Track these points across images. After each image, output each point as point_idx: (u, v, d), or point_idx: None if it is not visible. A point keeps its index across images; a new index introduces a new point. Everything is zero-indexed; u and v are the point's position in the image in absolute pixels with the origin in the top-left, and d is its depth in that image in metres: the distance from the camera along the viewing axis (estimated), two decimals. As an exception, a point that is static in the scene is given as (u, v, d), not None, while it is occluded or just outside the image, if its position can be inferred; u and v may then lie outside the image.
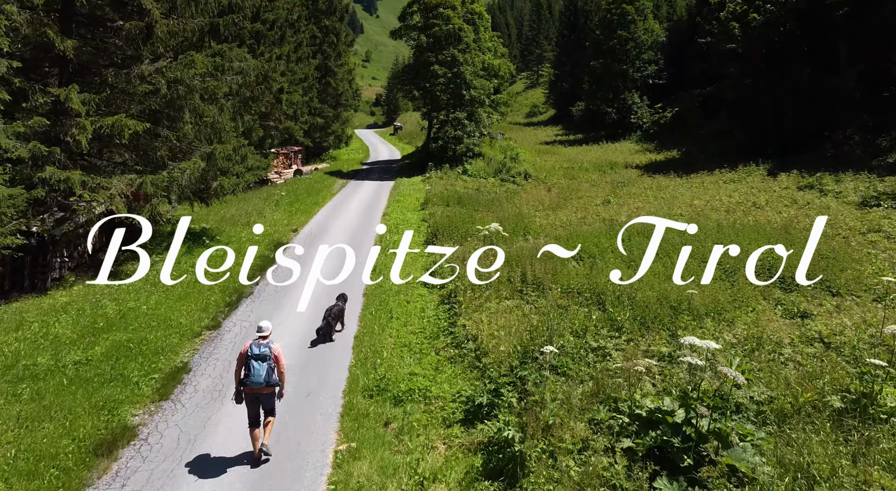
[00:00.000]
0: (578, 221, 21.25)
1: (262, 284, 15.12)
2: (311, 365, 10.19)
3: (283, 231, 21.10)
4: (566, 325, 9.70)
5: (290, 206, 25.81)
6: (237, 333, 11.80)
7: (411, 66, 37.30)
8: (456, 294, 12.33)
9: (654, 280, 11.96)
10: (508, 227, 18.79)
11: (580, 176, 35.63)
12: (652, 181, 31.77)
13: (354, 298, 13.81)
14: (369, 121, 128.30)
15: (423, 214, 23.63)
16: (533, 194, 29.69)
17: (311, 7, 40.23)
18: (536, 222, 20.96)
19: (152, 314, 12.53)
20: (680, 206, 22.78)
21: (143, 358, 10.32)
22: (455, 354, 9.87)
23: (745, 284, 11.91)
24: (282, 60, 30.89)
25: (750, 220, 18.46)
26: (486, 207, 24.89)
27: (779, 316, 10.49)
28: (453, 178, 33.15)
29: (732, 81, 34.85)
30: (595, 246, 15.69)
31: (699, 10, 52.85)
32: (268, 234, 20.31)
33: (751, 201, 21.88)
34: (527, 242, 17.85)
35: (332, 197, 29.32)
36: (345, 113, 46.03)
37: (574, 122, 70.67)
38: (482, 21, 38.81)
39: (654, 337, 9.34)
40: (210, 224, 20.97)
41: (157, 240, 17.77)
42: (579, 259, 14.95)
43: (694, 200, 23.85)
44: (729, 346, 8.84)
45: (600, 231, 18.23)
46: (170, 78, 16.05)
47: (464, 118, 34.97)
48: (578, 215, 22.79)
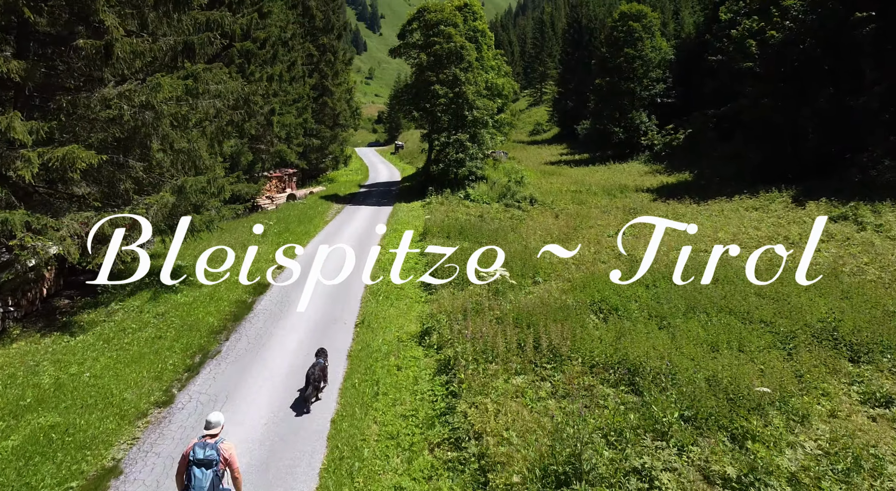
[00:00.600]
0: (592, 258, 19.25)
1: (234, 340, 13.10)
2: (273, 467, 8.12)
3: (267, 269, 19.12)
4: (594, 421, 7.64)
5: (279, 237, 23.87)
6: (191, 411, 9.76)
7: (411, 85, 35.66)
8: (455, 365, 10.28)
9: (696, 350, 9.90)
10: (515, 267, 16.78)
11: (589, 200, 33.72)
12: (666, 207, 29.82)
13: (337, 360, 11.78)
14: (371, 138, 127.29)
15: (422, 246, 21.65)
16: (540, 222, 27.74)
17: (307, 25, 38.77)
18: (545, 259, 18.94)
19: (94, 385, 10.51)
20: (703, 239, 20.76)
21: (65, 455, 8.28)
22: (454, 457, 7.78)
23: (804, 351, 9.87)
24: (273, 80, 29.24)
25: (785, 261, 16.40)
26: (489, 238, 22.95)
27: (857, 402, 8.43)
28: (455, 204, 31.26)
29: (749, 101, 33.05)
30: (616, 295, 13.66)
31: (708, 27, 51.41)
32: (249, 273, 18.33)
33: (781, 235, 19.85)
34: (536, 286, 15.85)
35: (325, 225, 27.41)
36: (343, 133, 44.36)
37: (579, 140, 69.07)
38: (485, 39, 37.28)
39: (711, 443, 7.27)
40: (186, 260, 19.03)
41: (118, 287, 15.78)
42: (599, 312, 12.92)
43: (718, 232, 21.84)
44: (813, 461, 6.76)
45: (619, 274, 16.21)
46: (136, 103, 14.24)
47: (466, 140, 33.20)
48: (592, 250, 20.79)
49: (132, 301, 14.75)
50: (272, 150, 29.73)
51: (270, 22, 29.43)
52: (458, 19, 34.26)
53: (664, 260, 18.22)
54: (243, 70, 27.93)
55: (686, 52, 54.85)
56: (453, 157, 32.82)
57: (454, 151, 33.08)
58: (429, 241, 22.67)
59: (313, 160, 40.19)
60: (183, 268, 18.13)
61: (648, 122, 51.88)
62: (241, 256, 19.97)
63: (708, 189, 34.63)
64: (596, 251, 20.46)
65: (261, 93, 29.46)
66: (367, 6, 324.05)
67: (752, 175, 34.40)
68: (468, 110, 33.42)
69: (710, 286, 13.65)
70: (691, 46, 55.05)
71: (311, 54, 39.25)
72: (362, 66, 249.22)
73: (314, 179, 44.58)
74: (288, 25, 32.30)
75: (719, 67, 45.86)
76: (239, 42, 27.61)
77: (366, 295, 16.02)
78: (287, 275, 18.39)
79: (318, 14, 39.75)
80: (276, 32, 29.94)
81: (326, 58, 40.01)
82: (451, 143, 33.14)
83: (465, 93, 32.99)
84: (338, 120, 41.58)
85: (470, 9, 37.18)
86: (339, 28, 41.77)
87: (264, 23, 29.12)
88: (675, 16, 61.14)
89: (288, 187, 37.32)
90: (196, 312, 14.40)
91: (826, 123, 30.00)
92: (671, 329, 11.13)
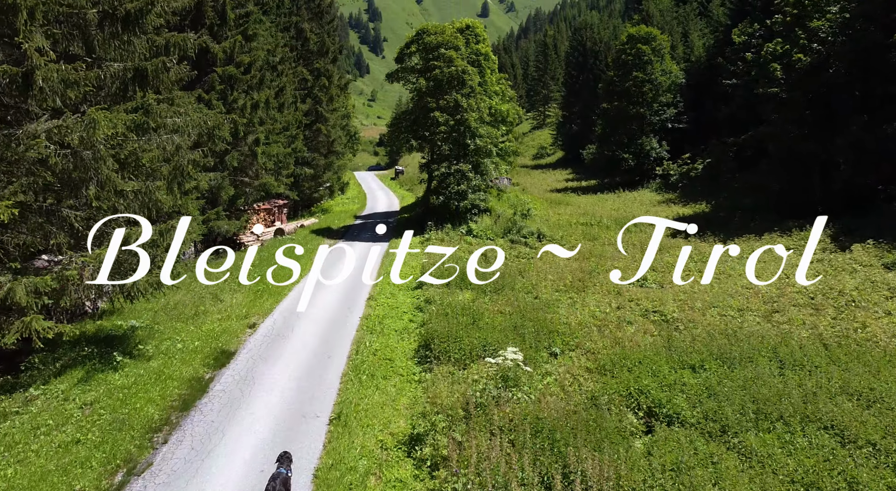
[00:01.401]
0: (615, 316, 16.50)
1: (174, 443, 10.32)
2: None
3: (237, 328, 16.40)
4: None
5: (257, 284, 21.20)
6: None
7: (409, 112, 33.35)
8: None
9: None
10: (527, 336, 14.03)
11: (601, 235, 31.07)
12: (688, 245, 27.10)
13: (300, 483, 9.01)
14: (372, 161, 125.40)
15: (417, 300, 18.94)
16: (550, 262, 25.08)
17: (300, 48, 36.69)
18: (561, 318, 16.19)
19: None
20: (742, 292, 17.99)
21: None
22: None
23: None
24: (259, 108, 26.88)
25: (857, 331, 13.58)
26: (494, 289, 20.26)
27: None
28: (456, 241, 28.62)
29: (774, 129, 30.58)
30: (656, 381, 10.89)
31: (720, 50, 49.33)
32: (213, 335, 15.61)
33: (836, 290, 17.07)
34: (553, 361, 13.09)
35: (312, 268, 24.73)
36: (338, 162, 42.00)
37: (585, 165, 66.80)
38: (488, 63, 35.08)
39: None
40: (143, 319, 16.32)
41: (48, 359, 13.02)
42: (638, 409, 10.15)
43: (757, 279, 19.06)
44: None
45: (652, 344, 13.46)
46: (70, 142, 11.71)
47: (468, 171, 30.70)
48: (613, 303, 18.05)
49: (58, 384, 12.00)
50: (257, 183, 27.23)
51: (257, 45, 27.22)
52: (460, 42, 32.07)
53: (700, 320, 15.50)
54: (225, 97, 25.63)
55: (696, 76, 52.77)
56: (454, 189, 30.29)
57: (455, 183, 30.56)
58: (425, 290, 19.99)
59: (306, 190, 37.75)
60: (137, 331, 15.41)
61: (659, 149, 49.54)
62: (206, 314, 17.28)
63: (729, 224, 31.99)
64: (619, 305, 17.70)
65: (256, 119, 27.16)
66: (369, 30, 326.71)
67: (777, 208, 31.79)
68: (470, 139, 31.00)
69: (781, 375, 10.87)
70: (702, 70, 52.97)
71: (305, 79, 37.09)
72: (364, 88, 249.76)
73: (308, 209, 42.11)
74: (277, 48, 30.11)
75: (734, 92, 43.73)
76: (221, 67, 25.35)
77: (347, 371, 13.26)
78: (259, 339, 15.65)
79: (313, 37, 37.71)
80: (263, 56, 27.70)
81: (321, 82, 37.82)
82: (452, 174, 30.65)
83: (468, 120, 30.61)
84: (332, 147, 39.24)
85: (472, 31, 35.07)
86: (334, 51, 39.68)
87: (250, 46, 26.92)
88: (684, 38, 59.24)
89: (277, 220, 34.79)
90: (134, 398, 11.64)
91: (859, 153, 27.48)
92: (743, 450, 8.36)
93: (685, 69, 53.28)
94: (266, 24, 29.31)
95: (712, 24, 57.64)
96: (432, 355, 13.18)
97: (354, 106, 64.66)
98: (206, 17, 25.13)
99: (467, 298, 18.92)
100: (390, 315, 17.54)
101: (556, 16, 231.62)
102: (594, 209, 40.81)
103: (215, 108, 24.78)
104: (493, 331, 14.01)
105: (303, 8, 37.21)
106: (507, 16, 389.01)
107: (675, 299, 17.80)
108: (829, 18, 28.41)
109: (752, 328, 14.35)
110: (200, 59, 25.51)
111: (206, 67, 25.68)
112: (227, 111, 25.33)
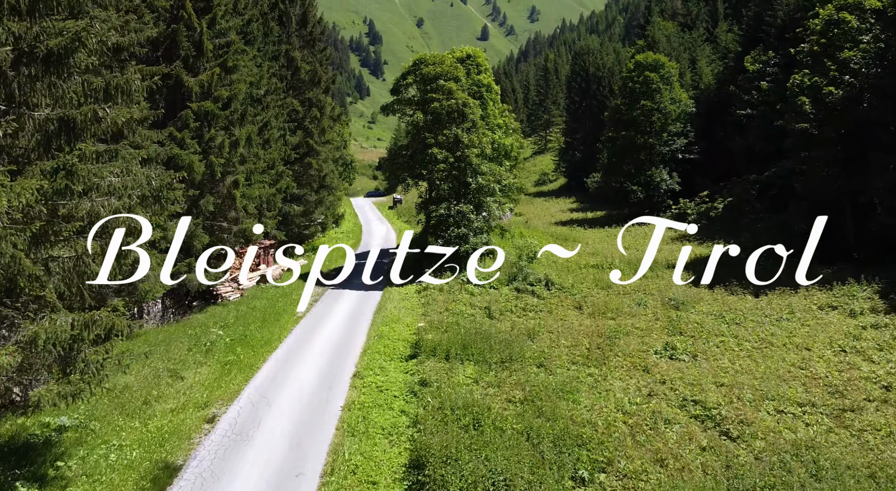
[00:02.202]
0: (648, 409, 13.66)
1: None
2: None
3: (192, 424, 13.57)
4: None
5: (228, 353, 18.40)
6: None
7: (406, 146, 30.92)
8: None
9: None
10: (546, 449, 11.20)
11: (615, 282, 28.29)
12: (715, 299, 24.37)
13: None
14: (371, 186, 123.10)
15: (411, 378, 16.14)
16: (560, 318, 22.39)
17: (290, 78, 34.42)
18: (583, 412, 13.38)
19: None
20: (796, 375, 15.15)
21: None
22: None
23: None
24: (239, 146, 24.39)
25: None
26: (500, 354, 17.54)
27: None
28: (456, 290, 25.91)
29: (801, 165, 28.03)
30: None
31: (731, 77, 47.21)
32: (159, 437, 12.77)
33: (912, 375, 14.30)
34: None
35: (296, 325, 21.98)
36: (330, 197, 39.45)
37: (589, 194, 64.43)
38: (490, 94, 32.80)
39: None
40: (77, 414, 13.48)
41: None
42: None
43: (813, 363, 16.07)
44: None
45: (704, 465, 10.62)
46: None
47: (469, 212, 28.11)
48: (642, 385, 15.23)
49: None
50: (236, 228, 24.61)
51: (238, 77, 24.85)
52: (460, 73, 29.78)
53: (755, 419, 12.67)
54: (201, 135, 23.15)
55: (706, 104, 50.63)
56: (454, 232, 27.65)
57: (455, 225, 27.94)
58: (421, 361, 17.23)
59: (295, 229, 35.13)
60: (65, 433, 12.58)
61: (670, 180, 47.09)
62: (159, 401, 14.45)
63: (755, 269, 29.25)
64: (650, 390, 14.86)
65: (235, 159, 24.68)
66: (370, 53, 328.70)
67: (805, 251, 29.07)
68: (472, 177, 28.51)
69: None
70: (712, 98, 50.86)
71: (295, 110, 34.77)
72: (365, 110, 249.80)
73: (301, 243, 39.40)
74: (262, 80, 27.75)
75: (749, 122, 41.42)
76: (196, 102, 22.93)
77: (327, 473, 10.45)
78: (215, 441, 12.80)
79: (304, 66, 35.50)
80: (245, 89, 25.31)
81: (312, 114, 35.48)
82: (452, 216, 28.03)
83: (469, 156, 28.15)
84: (324, 182, 36.73)
85: (473, 61, 32.86)
86: (326, 81, 37.44)
87: (230, 78, 24.55)
88: (692, 65, 57.26)
89: (264, 262, 32.09)
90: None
91: (895, 193, 24.94)
92: None
93: (694, 97, 51.16)
94: (250, 53, 27.02)
95: (720, 51, 55.73)
96: (426, 485, 10.32)
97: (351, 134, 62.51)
98: (180, 47, 22.83)
99: (469, 375, 16.16)
100: (378, 403, 14.70)
101: (556, 39, 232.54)
102: (603, 247, 38.11)
103: (189, 147, 22.31)
104: (501, 446, 11.12)
105: (293, 36, 35.08)
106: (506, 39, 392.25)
107: (715, 382, 14.98)
108: (861, 48, 26.12)
109: (822, 437, 11.55)
110: (174, 93, 23.17)
111: (180, 102, 23.30)
112: (202, 151, 22.87)
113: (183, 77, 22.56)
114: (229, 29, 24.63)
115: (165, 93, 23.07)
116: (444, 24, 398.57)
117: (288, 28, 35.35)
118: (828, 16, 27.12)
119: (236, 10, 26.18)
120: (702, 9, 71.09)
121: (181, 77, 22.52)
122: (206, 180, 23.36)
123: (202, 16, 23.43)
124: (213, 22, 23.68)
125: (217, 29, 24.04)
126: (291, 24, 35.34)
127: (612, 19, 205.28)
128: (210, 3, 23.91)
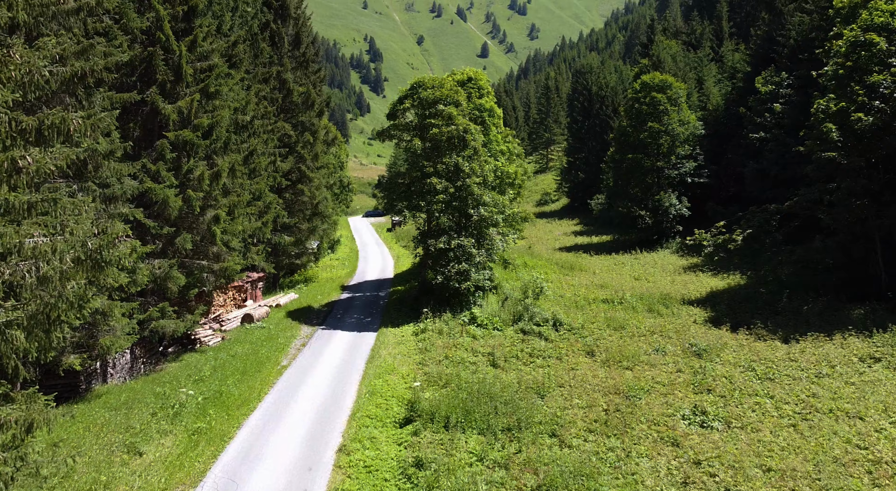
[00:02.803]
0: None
1: None
2: None
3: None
4: None
5: (198, 418, 16.21)
6: None
7: (402, 175, 29.02)
8: None
9: None
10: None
11: (629, 321, 26.17)
12: (740, 344, 22.26)
13: None
14: (370, 204, 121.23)
15: (406, 455, 13.97)
16: (573, 370, 20.22)
17: (281, 101, 32.64)
18: None
19: None
20: (855, 456, 12.99)
21: None
22: None
23: None
24: (221, 177, 22.44)
25: None
26: (507, 419, 15.43)
27: None
28: (457, 334, 23.80)
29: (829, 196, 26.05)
30: None
31: (741, 98, 45.53)
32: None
33: None
34: None
35: (279, 377, 19.83)
36: (324, 225, 37.47)
37: (593, 215, 62.59)
38: (493, 118, 31.01)
39: None
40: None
41: None
42: None
43: (872, 439, 13.84)
44: None
45: None
46: None
47: (470, 246, 26.09)
48: (673, 467, 13.06)
49: None
50: (217, 266, 22.57)
51: (221, 103, 23.00)
52: (461, 96, 27.99)
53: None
54: (178, 167, 21.23)
55: (715, 126, 48.94)
56: (455, 268, 25.59)
57: (456, 260, 25.90)
58: (417, 429, 15.09)
59: (285, 261, 33.09)
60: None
61: (679, 205, 45.16)
62: (107, 487, 12.25)
63: (776, 305, 27.20)
64: (683, 476, 12.67)
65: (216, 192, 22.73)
66: (371, 70, 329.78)
67: (831, 289, 27.04)
68: (473, 208, 26.56)
69: None
70: (721, 119, 49.22)
71: (287, 134, 32.94)
72: (365, 127, 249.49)
73: (289, 277, 37.36)
74: (248, 105, 25.90)
75: (762, 146, 39.63)
76: (174, 130, 21.04)
77: None
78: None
79: (297, 88, 33.75)
80: (229, 115, 23.46)
81: (305, 138, 33.64)
82: (452, 250, 26.00)
83: (470, 186, 26.23)
84: (317, 210, 34.77)
85: (475, 83, 31.13)
86: (320, 104, 35.67)
87: (212, 105, 22.71)
88: (699, 85, 55.70)
89: (250, 298, 30.00)
90: None
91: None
92: None
93: (702, 118, 49.46)
94: (236, 77, 25.20)
95: (727, 71, 54.22)
96: None
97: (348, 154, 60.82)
98: (157, 72, 20.98)
99: (472, 450, 14.00)
100: (375, 471, 12.57)
101: (556, 57, 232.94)
102: (612, 278, 36.07)
103: (164, 180, 20.37)
104: None
105: (286, 57, 33.37)
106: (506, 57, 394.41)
107: (761, 466, 12.81)
108: (892, 72, 24.32)
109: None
110: (149, 121, 21.32)
111: (157, 132, 21.43)
112: (179, 184, 20.93)
113: (159, 104, 20.69)
114: (212, 52, 22.84)
115: (140, 121, 21.28)
116: (444, 41, 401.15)
117: (280, 49, 33.68)
118: (853, 37, 25.37)
119: (220, 32, 24.46)
120: (706, 27, 69.88)
121: (157, 104, 20.65)
122: (184, 215, 21.41)
123: (181, 38, 21.65)
124: (193, 45, 21.89)
125: (198, 52, 22.25)
126: (284, 44, 33.68)
127: (611, 37, 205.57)
128: (191, 24, 22.15)
